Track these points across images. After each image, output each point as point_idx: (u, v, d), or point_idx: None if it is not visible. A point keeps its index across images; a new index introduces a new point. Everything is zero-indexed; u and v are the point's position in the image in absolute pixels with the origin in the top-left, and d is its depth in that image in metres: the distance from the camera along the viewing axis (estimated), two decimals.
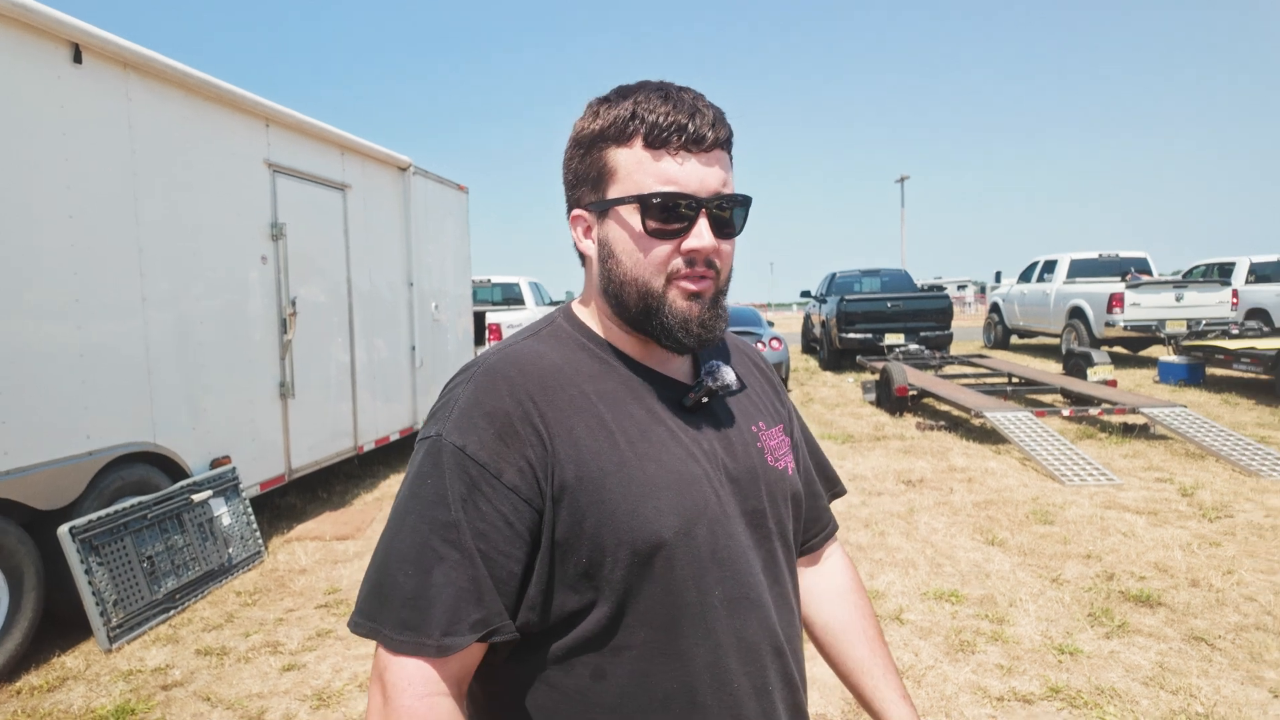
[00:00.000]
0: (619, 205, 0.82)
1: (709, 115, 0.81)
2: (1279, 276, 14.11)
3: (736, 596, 0.82)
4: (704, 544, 0.81)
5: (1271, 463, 5.63)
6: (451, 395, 0.82)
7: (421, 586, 0.74)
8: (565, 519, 0.77)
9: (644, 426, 0.83)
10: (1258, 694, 2.68)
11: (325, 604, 3.75)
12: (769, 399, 1.01)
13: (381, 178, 6.38)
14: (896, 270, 14.30)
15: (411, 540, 0.76)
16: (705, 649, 0.80)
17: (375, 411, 6.15)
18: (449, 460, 0.77)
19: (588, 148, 0.85)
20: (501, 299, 12.62)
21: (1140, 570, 3.84)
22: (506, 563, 0.76)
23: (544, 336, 0.89)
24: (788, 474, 0.94)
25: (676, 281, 0.82)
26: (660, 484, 0.80)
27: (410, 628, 0.73)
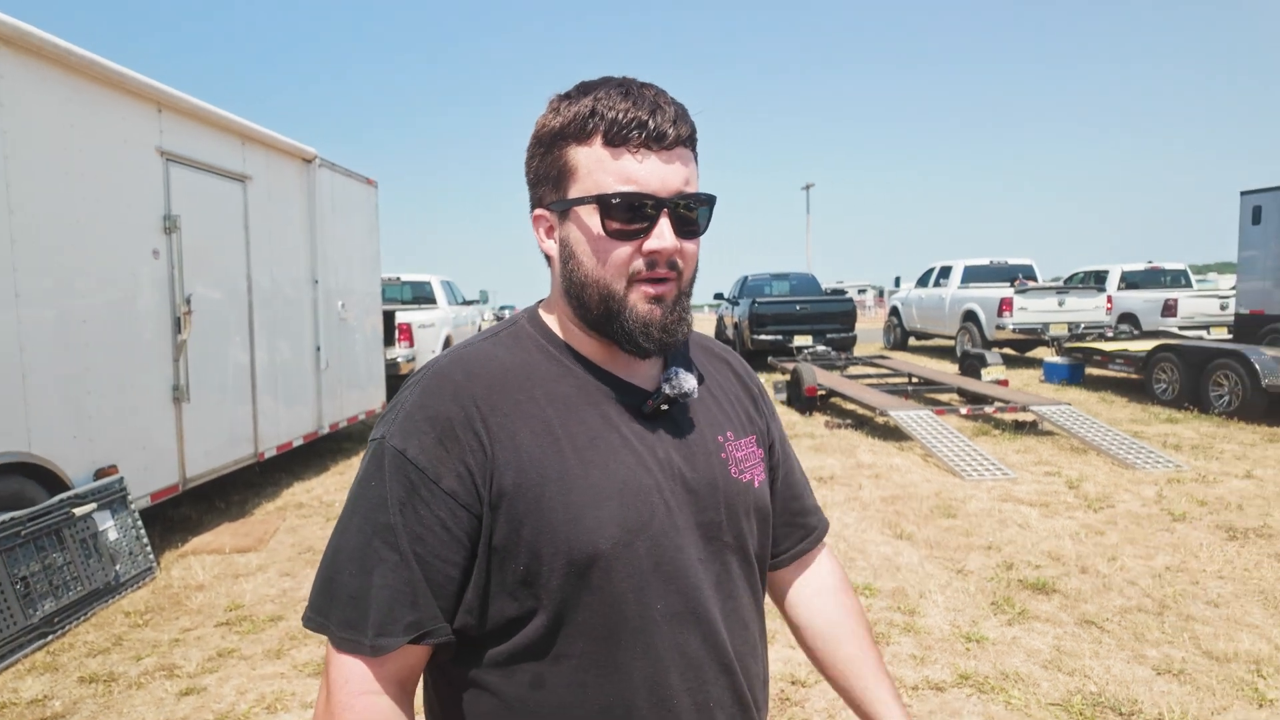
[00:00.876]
0: (579, 205, 0.80)
1: (670, 112, 0.79)
2: (1146, 284, 15.36)
3: (680, 611, 0.81)
4: (645, 556, 0.79)
5: (1145, 456, 6.10)
6: (400, 397, 0.82)
7: (363, 587, 0.75)
8: (503, 525, 0.76)
9: (595, 433, 0.81)
10: (1142, 671, 2.89)
11: (226, 621, 3.53)
12: (743, 409, 0.98)
13: (285, 170, 6.08)
14: (804, 274, 14.75)
15: (356, 540, 0.76)
16: (644, 663, 0.79)
17: (277, 416, 5.85)
18: (390, 463, 0.77)
19: (548, 146, 0.82)
20: (412, 298, 12.26)
21: (1035, 559, 4.08)
22: (443, 567, 0.76)
23: (502, 339, 0.88)
24: (753, 487, 0.91)
25: (638, 284, 0.80)
26: (604, 493, 0.78)
27: (351, 626, 0.74)
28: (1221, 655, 2.98)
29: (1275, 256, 11.51)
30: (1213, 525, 4.53)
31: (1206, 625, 3.25)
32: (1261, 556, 4.01)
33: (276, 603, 3.74)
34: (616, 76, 0.82)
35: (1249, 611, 3.37)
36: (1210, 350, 8.31)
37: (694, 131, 0.82)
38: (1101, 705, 2.67)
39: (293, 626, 3.46)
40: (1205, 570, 3.85)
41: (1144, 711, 2.62)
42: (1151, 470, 5.80)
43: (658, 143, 0.78)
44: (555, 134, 0.81)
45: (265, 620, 3.52)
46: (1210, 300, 14.05)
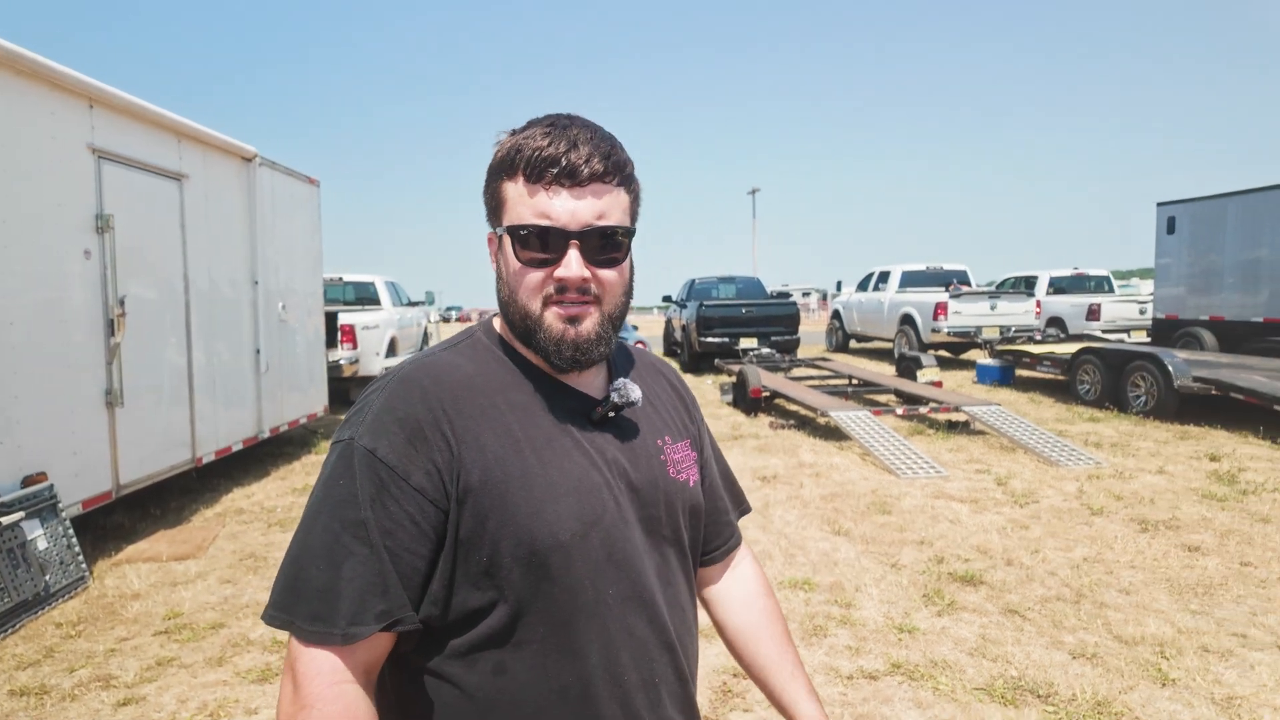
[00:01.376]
0: (505, 234, 0.89)
1: (585, 150, 0.84)
2: (1073, 289, 16.08)
3: (629, 595, 0.88)
4: (599, 546, 0.87)
5: (1068, 454, 6.43)
6: (366, 401, 0.87)
7: (332, 580, 0.78)
8: (469, 520, 0.82)
9: (550, 436, 0.88)
10: (1059, 656, 3.09)
11: (165, 630, 3.46)
12: (679, 415, 1.07)
13: (224, 168, 5.95)
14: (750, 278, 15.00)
15: (323, 537, 0.80)
16: (599, 644, 0.86)
17: (216, 420, 5.72)
18: (360, 462, 0.81)
19: (490, 177, 0.91)
20: (355, 299, 12.04)
21: (965, 553, 4.29)
22: (411, 559, 0.81)
23: (462, 349, 0.95)
24: (688, 486, 1.00)
25: (551, 305, 0.88)
26: (561, 490, 0.86)
27: (320, 619, 0.78)
28: (1130, 639, 3.20)
29: (1188, 265, 12.21)
30: (1127, 518, 4.82)
31: (1118, 611, 3.48)
32: (1169, 547, 4.29)
33: (218, 610, 3.68)
34: (556, 115, 0.90)
35: (1156, 598, 3.62)
36: (1128, 353, 8.78)
37: (617, 167, 0.87)
38: (1021, 688, 2.84)
39: (235, 634, 3.42)
40: (1119, 561, 4.11)
41: (1059, 693, 2.80)
42: (1074, 467, 6.12)
43: (570, 179, 0.85)
44: (493, 168, 0.90)
45: (206, 628, 3.47)
46: (1130, 305, 14.80)
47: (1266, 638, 3.20)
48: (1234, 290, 11.37)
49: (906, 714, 2.71)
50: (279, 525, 5.01)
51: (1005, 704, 2.75)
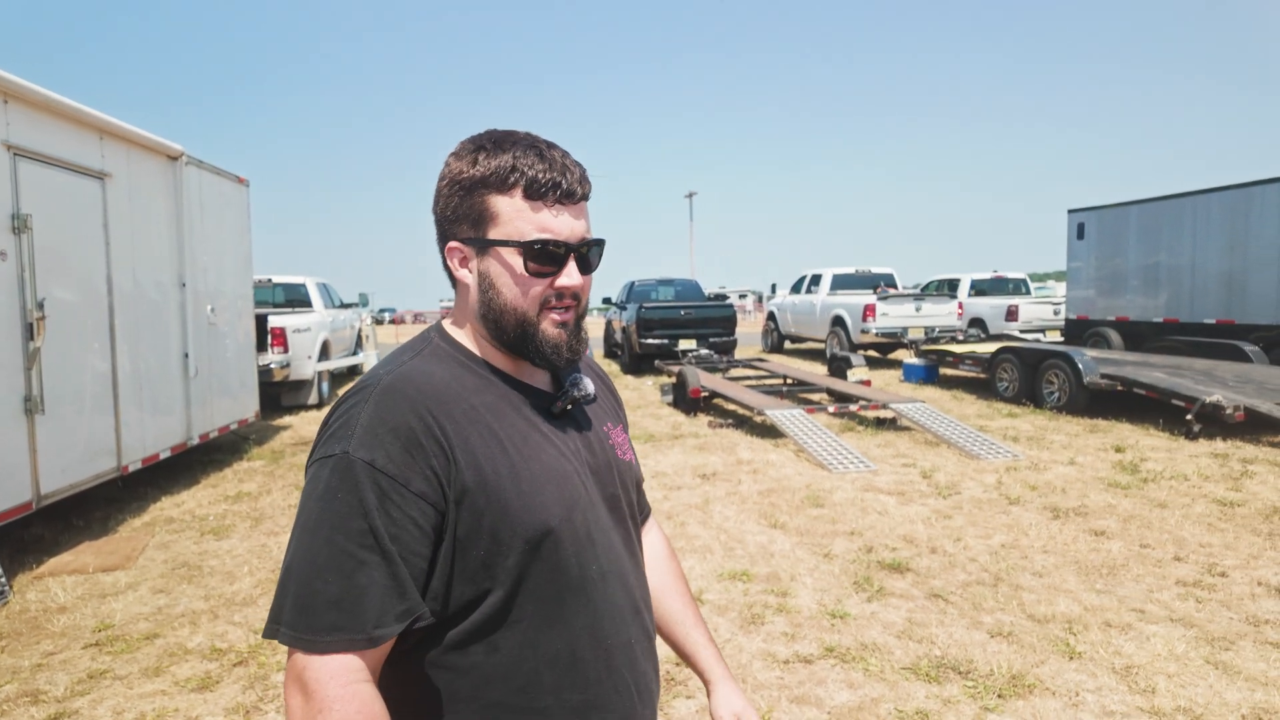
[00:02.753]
0: (502, 246, 0.95)
1: (577, 174, 0.96)
2: (993, 291, 16.85)
3: (607, 569, 0.98)
4: (580, 527, 0.96)
5: (989, 448, 6.79)
6: (350, 415, 0.90)
7: (347, 589, 0.82)
8: (467, 518, 0.89)
9: (524, 432, 0.97)
10: (979, 635, 3.30)
11: (96, 643, 3.36)
12: (611, 404, 1.20)
13: (149, 166, 5.76)
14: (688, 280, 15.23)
15: (329, 551, 0.83)
16: (584, 614, 0.95)
17: (142, 427, 5.53)
18: (361, 474, 0.85)
19: (468, 190, 0.96)
20: (284, 300, 11.74)
21: (892, 543, 4.51)
22: (417, 561, 0.87)
23: (427, 356, 1.00)
24: (632, 464, 1.14)
25: (547, 312, 0.97)
26: (543, 480, 0.94)
27: (339, 628, 0.82)
28: (1042, 617, 3.45)
29: (1096, 268, 12.97)
30: (1041, 507, 5.14)
31: (1031, 593, 3.73)
32: (1078, 532, 4.61)
33: (151, 620, 3.60)
34: (521, 132, 0.99)
35: (1066, 579, 3.89)
36: (1043, 352, 9.30)
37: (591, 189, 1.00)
38: (944, 666, 3.04)
39: (171, 643, 3.35)
40: (1033, 546, 4.39)
41: (978, 669, 3.00)
42: (993, 460, 6.47)
43: (569, 199, 0.96)
44: (476, 182, 0.95)
45: (140, 639, 3.39)
46: (1046, 306, 15.60)
47: (1161, 612, 3.49)
48: (1137, 293, 12.14)
49: (839, 694, 2.86)
50: (212, 534, 4.89)
51: (929, 681, 2.93)
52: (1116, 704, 2.74)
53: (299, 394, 10.06)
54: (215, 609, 3.72)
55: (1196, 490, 5.45)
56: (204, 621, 3.58)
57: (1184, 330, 11.08)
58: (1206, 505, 5.09)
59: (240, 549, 4.61)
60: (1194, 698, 2.77)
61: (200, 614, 3.66)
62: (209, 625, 3.54)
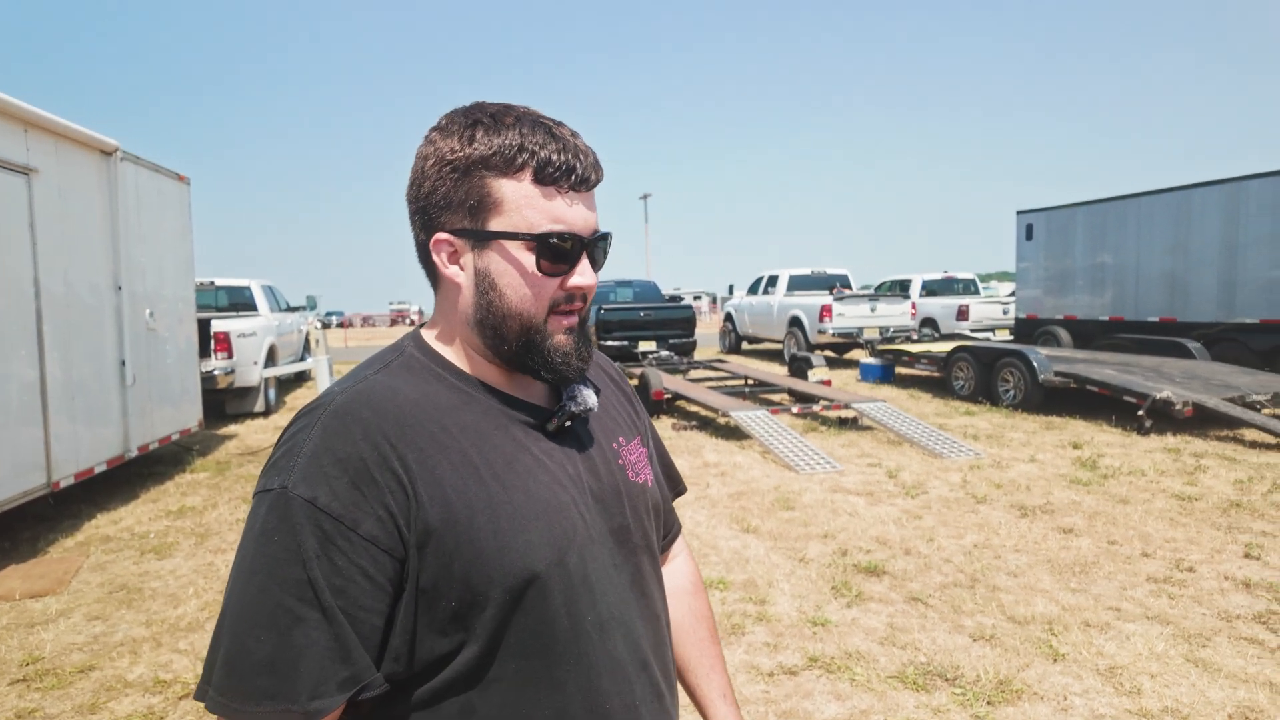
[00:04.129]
0: (507, 239, 0.80)
1: (591, 158, 0.83)
2: (943, 291, 17.18)
3: (606, 618, 0.83)
4: (575, 571, 0.81)
5: (951, 446, 6.84)
6: (294, 442, 0.76)
7: (280, 650, 0.69)
8: (431, 565, 0.74)
9: (509, 457, 0.81)
10: (961, 640, 3.26)
11: (23, 678, 3.08)
12: (626, 412, 1.02)
13: (81, 162, 5.41)
14: (647, 281, 15.15)
15: (262, 603, 0.71)
16: (578, 673, 0.80)
17: (75, 439, 5.18)
18: (299, 514, 0.71)
19: (464, 172, 0.80)
20: (228, 304, 11.28)
21: (866, 544, 4.46)
22: (369, 617, 0.73)
23: (395, 369, 0.84)
24: (648, 487, 0.96)
25: (555, 316, 0.83)
26: (529, 515, 0.78)
27: (270, 696, 0.69)
28: (1022, 619, 3.42)
29: (1044, 268, 13.29)
30: (1008, 505, 5.17)
31: (1009, 594, 3.71)
32: (1047, 530, 4.63)
33: (86, 651, 3.32)
34: (521, 106, 0.84)
35: (1040, 579, 3.89)
36: (998, 350, 9.45)
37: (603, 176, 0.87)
38: (931, 673, 2.98)
39: (109, 676, 3.09)
40: (1004, 545, 4.39)
41: (965, 675, 2.95)
42: (956, 459, 6.51)
43: (583, 186, 0.82)
44: (475, 162, 0.80)
45: (73, 672, 3.12)
46: (995, 306, 15.95)
47: (1136, 610, 3.50)
48: (1084, 292, 12.47)
49: (827, 707, 2.77)
50: (153, 553, 4.59)
51: (917, 690, 2.87)
52: (1105, 707, 2.71)
53: (244, 401, 9.65)
54: (158, 636, 3.46)
55: (1155, 485, 5.55)
56: (146, 650, 3.32)
57: (1129, 328, 11.41)
58: (1166, 500, 5.17)
59: (184, 569, 4.33)
60: (1179, 697, 2.76)
61: (141, 642, 3.40)
62: (151, 654, 3.28)
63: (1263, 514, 4.82)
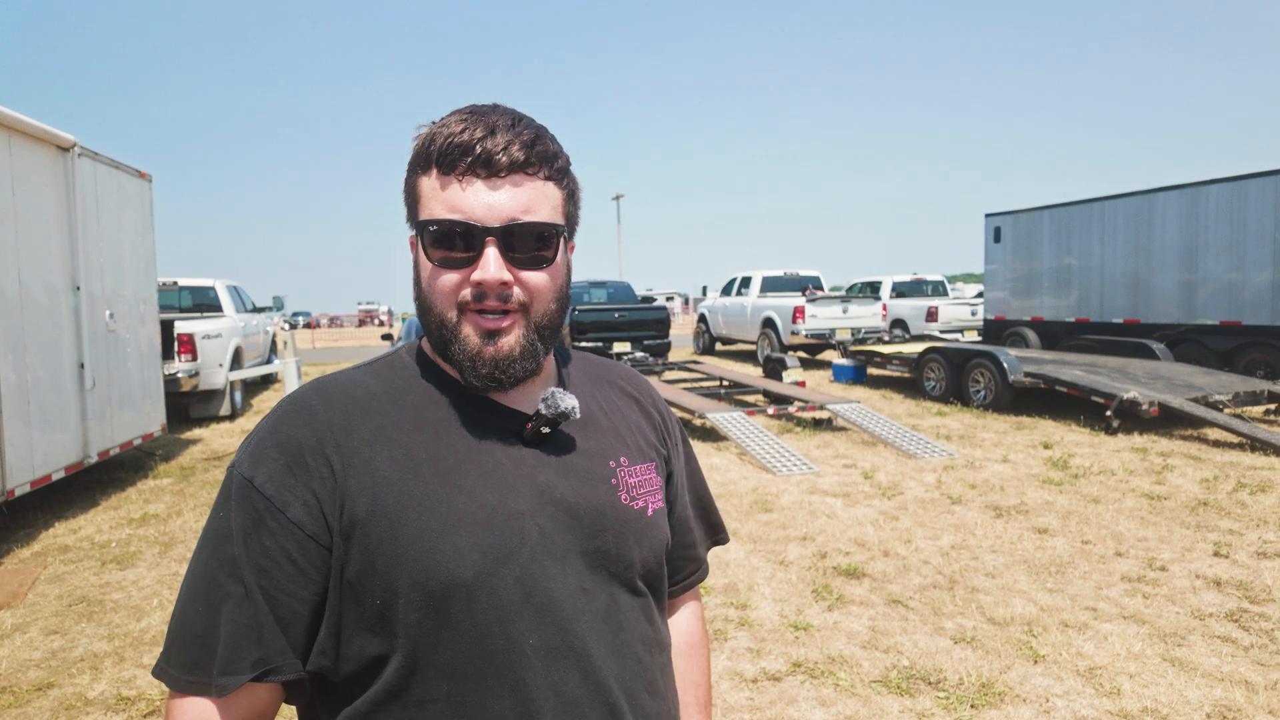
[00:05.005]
0: (414, 234, 0.82)
1: (504, 138, 0.75)
2: (913, 293, 17.37)
3: (556, 646, 0.75)
4: (512, 587, 0.74)
5: (924, 446, 6.89)
6: (260, 424, 0.81)
7: (209, 624, 0.72)
8: (356, 556, 0.73)
9: (462, 458, 0.77)
10: (943, 642, 3.26)
11: None
12: (641, 434, 0.94)
13: (35, 158, 5.21)
14: (620, 283, 15.10)
15: (203, 575, 0.74)
16: (512, 703, 0.73)
17: (30, 445, 4.99)
18: (237, 492, 0.75)
19: (408, 173, 0.83)
20: (192, 305, 11.01)
21: (844, 547, 4.46)
22: (290, 601, 0.73)
23: (376, 367, 0.86)
24: (645, 515, 0.87)
25: (469, 314, 0.78)
26: (465, 519, 0.74)
27: (196, 666, 0.72)
28: (1002, 620, 3.43)
29: (1012, 270, 13.49)
30: (983, 505, 5.21)
31: (988, 595, 3.73)
32: (1022, 530, 4.67)
33: (44, 667, 3.18)
34: (488, 104, 0.80)
35: (1018, 579, 3.91)
36: (968, 351, 9.56)
37: (543, 158, 0.78)
38: (914, 677, 2.97)
39: (68, 694, 2.96)
40: (981, 546, 4.42)
41: (948, 678, 2.95)
42: (930, 459, 6.56)
43: (485, 168, 0.75)
44: (410, 163, 0.82)
45: (30, 690, 2.98)
46: (964, 307, 16.16)
47: (1112, 609, 3.54)
48: (1050, 294, 12.69)
49: (812, 713, 2.75)
50: (115, 562, 4.43)
51: (901, 694, 2.85)
52: (1086, 708, 2.72)
53: (209, 405, 9.41)
54: (120, 650, 3.33)
55: (1124, 485, 5.63)
56: (107, 666, 3.19)
57: (1095, 329, 11.63)
58: (1136, 499, 5.26)
59: (148, 579, 4.18)
60: (1158, 697, 2.78)
61: (103, 657, 3.27)
62: (113, 670, 3.15)
63: (1229, 512, 4.92)
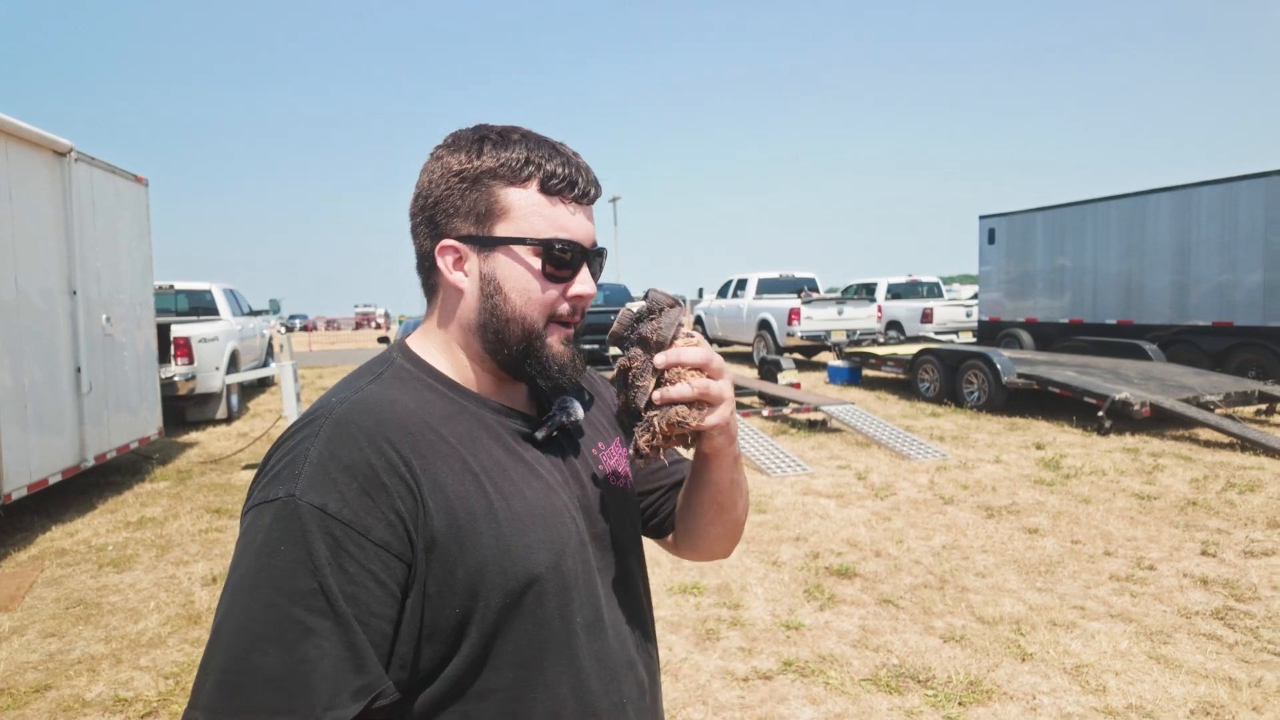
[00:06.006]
0: (514, 244, 0.83)
1: (591, 175, 0.88)
2: (908, 294, 17.42)
3: (593, 620, 0.86)
4: (569, 573, 0.83)
5: (917, 447, 6.93)
6: (297, 452, 0.76)
7: (290, 664, 0.68)
8: (438, 570, 0.75)
9: (504, 465, 0.83)
10: (932, 641, 3.30)
11: None
12: (604, 415, 1.04)
13: (32, 163, 5.24)
14: (618, 285, 15.13)
15: (269, 616, 0.69)
16: (570, 675, 0.82)
17: (28, 449, 5.01)
18: (309, 522, 0.71)
19: (472, 182, 0.84)
20: (189, 308, 11.02)
21: (837, 547, 4.50)
22: (380, 624, 0.73)
23: (387, 380, 0.85)
24: (628, 490, 0.99)
25: (555, 324, 0.87)
26: (527, 520, 0.81)
27: (281, 712, 0.67)
28: (991, 619, 3.47)
29: (1006, 272, 13.55)
30: (974, 506, 5.25)
31: (977, 594, 3.77)
32: (1013, 531, 4.72)
33: (41, 670, 3.21)
34: (523, 128, 0.88)
35: (1007, 579, 3.96)
36: (962, 353, 9.61)
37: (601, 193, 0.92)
38: (903, 675, 3.01)
39: (66, 695, 2.99)
40: (972, 546, 4.46)
41: (936, 677, 2.99)
42: (923, 460, 6.60)
43: (584, 199, 0.87)
44: (483, 172, 0.84)
45: (28, 692, 3.01)
46: (959, 309, 16.22)
47: (1100, 608, 3.58)
48: (1044, 295, 12.75)
49: (802, 711, 2.79)
50: (111, 566, 4.45)
51: (890, 692, 2.89)
52: (1072, 705, 2.76)
53: (206, 408, 9.42)
54: (118, 652, 3.36)
55: (1115, 485, 5.68)
56: (105, 668, 3.22)
57: (1088, 330, 11.69)
58: (1126, 499, 5.30)
59: (145, 582, 4.21)
60: (1143, 694, 2.82)
61: (100, 659, 3.30)
62: (111, 672, 3.18)
63: (1218, 512, 4.96)
